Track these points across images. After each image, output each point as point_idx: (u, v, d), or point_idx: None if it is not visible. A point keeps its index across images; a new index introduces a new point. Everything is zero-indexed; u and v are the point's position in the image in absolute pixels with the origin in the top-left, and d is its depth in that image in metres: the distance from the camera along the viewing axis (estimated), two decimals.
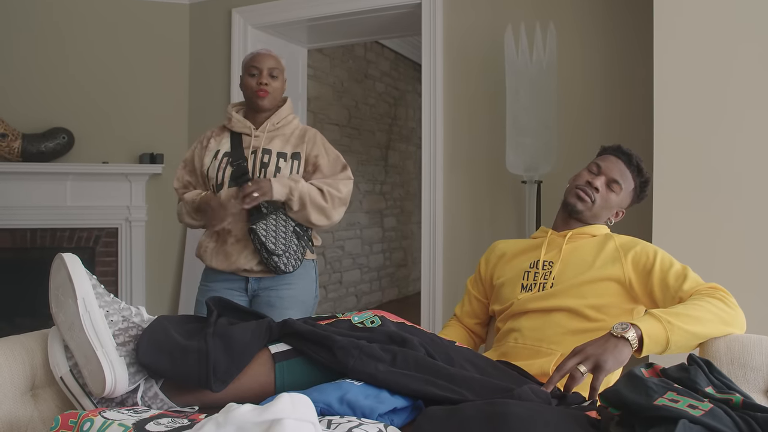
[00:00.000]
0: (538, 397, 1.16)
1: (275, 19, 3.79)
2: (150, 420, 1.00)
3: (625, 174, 1.73)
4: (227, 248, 2.17)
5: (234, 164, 2.15)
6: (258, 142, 2.18)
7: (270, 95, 2.19)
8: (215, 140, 2.25)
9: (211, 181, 2.19)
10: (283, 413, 0.87)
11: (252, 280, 2.20)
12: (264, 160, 2.16)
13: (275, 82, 2.21)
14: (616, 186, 1.71)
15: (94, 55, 3.90)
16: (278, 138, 2.21)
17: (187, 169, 2.31)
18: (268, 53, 2.23)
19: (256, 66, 2.18)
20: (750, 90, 2.14)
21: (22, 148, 3.65)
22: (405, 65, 7.09)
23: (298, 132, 2.26)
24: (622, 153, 1.75)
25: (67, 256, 1.25)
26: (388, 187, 6.78)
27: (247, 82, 2.20)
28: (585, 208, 1.71)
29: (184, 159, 2.33)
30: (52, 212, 3.83)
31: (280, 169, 2.17)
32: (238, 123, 2.22)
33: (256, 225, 2.09)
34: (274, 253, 2.11)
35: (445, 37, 3.28)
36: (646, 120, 2.42)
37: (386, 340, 1.26)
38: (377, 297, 6.57)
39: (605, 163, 1.74)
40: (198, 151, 2.28)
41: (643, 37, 2.68)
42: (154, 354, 1.19)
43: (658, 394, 0.96)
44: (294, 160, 2.20)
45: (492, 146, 3.14)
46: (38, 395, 1.29)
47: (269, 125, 2.21)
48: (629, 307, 1.61)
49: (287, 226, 2.14)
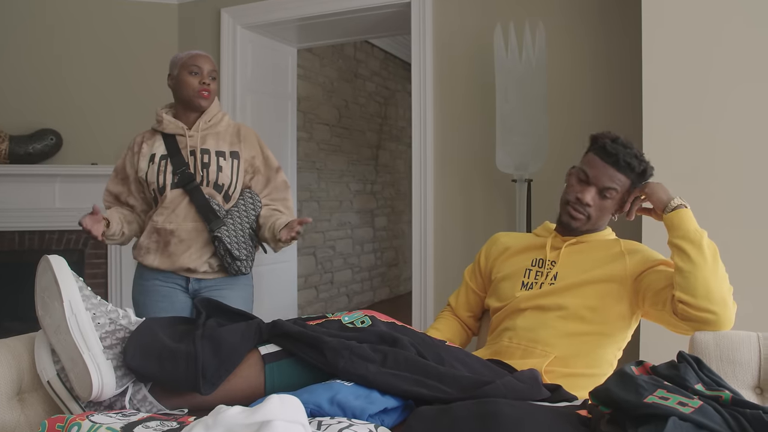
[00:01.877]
0: (524, 383, 1.17)
1: (264, 18, 3.78)
2: (138, 423, 0.99)
3: (616, 176, 1.62)
4: (170, 249, 2.14)
5: (177, 172, 2.12)
6: (193, 141, 2.15)
7: (211, 96, 2.18)
8: (147, 144, 2.21)
9: (151, 186, 2.15)
10: (273, 415, 0.87)
11: (193, 280, 2.18)
12: (204, 160, 2.14)
13: (213, 84, 2.19)
14: (610, 192, 1.63)
15: (82, 56, 3.87)
16: (211, 136, 2.19)
17: (118, 178, 2.26)
18: (207, 55, 2.21)
19: (198, 65, 2.15)
20: (739, 86, 2.15)
21: (9, 149, 3.62)
22: (395, 64, 7.09)
23: (231, 129, 2.25)
24: (607, 155, 1.62)
25: (53, 258, 1.23)
26: (379, 186, 6.78)
27: (187, 81, 2.15)
28: (580, 224, 1.67)
29: (114, 168, 2.28)
30: (40, 214, 3.80)
31: (222, 168, 2.15)
32: (169, 124, 2.18)
33: (219, 232, 2.08)
34: (238, 258, 2.11)
35: (435, 36, 3.28)
36: (634, 118, 2.43)
37: (377, 340, 1.26)
38: (369, 297, 6.56)
39: (593, 171, 1.63)
40: (129, 158, 2.23)
41: (631, 35, 2.69)
42: (142, 358, 1.18)
43: (648, 392, 0.96)
44: (233, 159, 2.19)
45: (482, 145, 3.14)
46: (25, 399, 1.28)
47: (202, 124, 2.18)
48: (628, 311, 1.60)
49: (244, 229, 2.14)
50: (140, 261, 2.22)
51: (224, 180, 2.15)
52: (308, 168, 5.34)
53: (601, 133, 1.68)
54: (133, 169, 2.22)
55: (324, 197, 5.61)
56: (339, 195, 5.87)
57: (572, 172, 1.72)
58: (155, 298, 2.17)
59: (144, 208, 2.25)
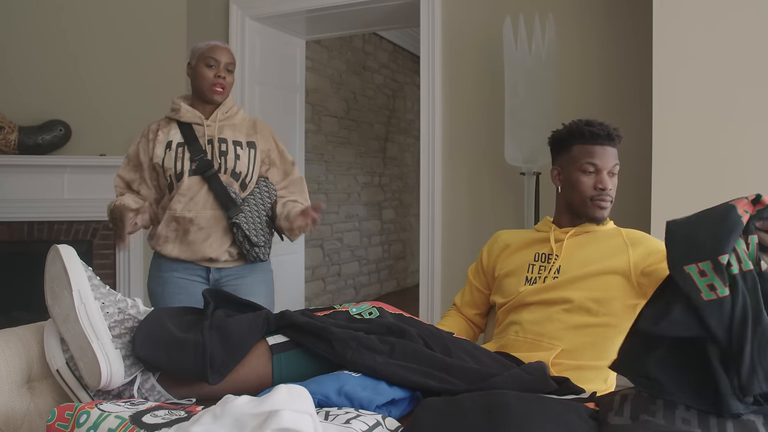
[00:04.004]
0: (532, 376, 1.16)
1: (273, 10, 3.77)
2: (147, 412, 0.99)
3: (615, 153, 1.65)
4: (190, 237, 2.13)
5: (195, 159, 2.12)
6: (211, 131, 2.16)
7: (226, 91, 2.18)
8: (163, 132, 2.20)
9: (168, 172, 2.14)
10: (281, 405, 0.87)
11: (213, 270, 2.19)
12: (222, 149, 2.15)
13: (230, 76, 2.19)
14: (615, 167, 1.65)
15: (91, 47, 3.88)
16: (228, 127, 2.20)
17: (130, 165, 2.24)
18: (225, 46, 2.20)
19: (215, 58, 2.15)
20: (751, 78, 2.13)
21: (18, 140, 3.64)
22: (403, 57, 7.06)
23: (247, 122, 2.27)
24: (598, 137, 1.63)
25: (63, 248, 1.24)
26: (387, 179, 6.77)
27: (203, 73, 2.15)
28: (608, 212, 1.67)
29: (127, 155, 2.26)
30: (49, 205, 3.82)
31: (239, 156, 2.16)
32: (187, 113, 2.18)
33: (237, 218, 2.08)
34: (256, 244, 2.12)
35: (444, 28, 3.27)
36: (644, 111, 2.41)
37: (384, 331, 1.26)
38: (376, 289, 6.57)
39: (598, 159, 1.63)
40: (144, 145, 2.22)
41: (642, 28, 2.66)
42: (151, 347, 1.18)
43: (721, 249, 0.96)
44: (250, 149, 2.20)
45: (490, 138, 3.13)
46: (35, 388, 1.28)
47: (219, 114, 2.19)
48: (633, 302, 1.58)
49: (261, 216, 2.15)
50: (158, 250, 2.21)
51: (241, 168, 2.16)
52: (316, 160, 5.34)
53: (567, 126, 1.70)
54: (147, 156, 2.21)
55: (332, 189, 5.61)
56: (347, 187, 5.87)
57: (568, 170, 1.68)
58: (173, 290, 2.17)
59: (156, 197, 2.25)
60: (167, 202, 2.16)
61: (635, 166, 2.55)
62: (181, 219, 2.13)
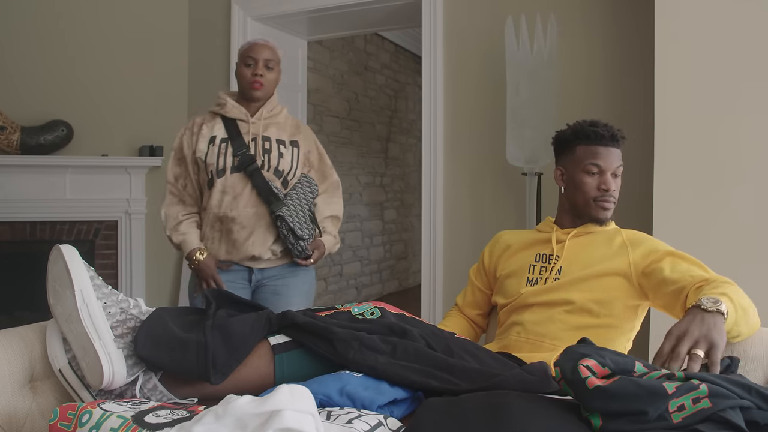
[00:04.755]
0: (534, 376, 1.16)
1: (275, 10, 3.77)
2: (149, 412, 0.99)
3: (619, 154, 1.67)
4: (233, 236, 2.14)
5: (238, 153, 2.13)
6: (256, 128, 2.18)
7: (264, 87, 2.19)
8: (207, 126, 2.20)
9: (209, 167, 2.14)
10: (283, 404, 0.87)
11: (256, 270, 2.19)
12: (266, 147, 2.16)
13: (270, 73, 2.20)
14: (619, 169, 1.67)
15: (93, 47, 3.88)
16: (273, 126, 2.22)
17: (176, 158, 2.25)
18: (265, 44, 2.21)
19: (252, 56, 2.17)
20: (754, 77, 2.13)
21: (20, 140, 3.64)
22: (405, 57, 7.06)
23: (291, 122, 2.28)
24: (602, 138, 1.64)
25: (65, 248, 1.24)
26: (389, 179, 6.77)
27: (242, 72, 2.18)
28: (611, 213, 1.68)
29: (173, 149, 2.27)
30: (51, 205, 3.82)
31: (283, 155, 2.17)
32: (233, 109, 2.20)
33: (281, 212, 2.08)
34: (301, 237, 2.11)
35: (446, 29, 3.27)
36: (647, 110, 2.41)
37: (386, 331, 1.26)
38: (377, 289, 6.57)
39: (602, 160, 1.64)
40: (187, 138, 2.22)
41: (644, 27, 2.66)
42: (153, 347, 1.18)
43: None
44: (293, 147, 2.22)
45: (492, 138, 3.13)
46: (37, 387, 1.29)
47: (264, 112, 2.21)
48: (634, 303, 1.59)
49: (304, 210, 2.14)
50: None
51: (284, 166, 2.17)
52: None
53: (571, 127, 1.71)
54: (190, 149, 2.21)
55: None
56: (348, 187, 5.87)
57: (572, 171, 1.69)
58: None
59: (199, 195, 2.25)
60: (207, 200, 2.17)
61: (638, 166, 2.55)
62: (223, 218, 2.14)
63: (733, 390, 0.94)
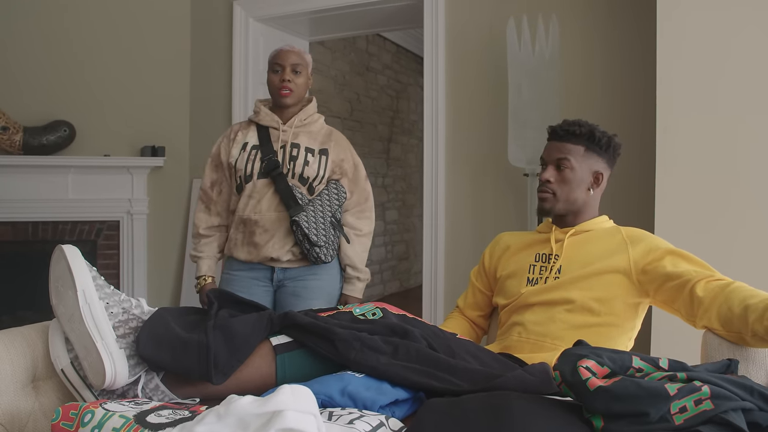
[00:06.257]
0: (535, 377, 1.16)
1: (277, 11, 3.78)
2: (151, 412, 1.00)
3: (563, 147, 1.67)
4: (255, 239, 2.17)
5: (265, 159, 2.17)
6: (286, 136, 2.20)
7: (293, 93, 2.21)
8: (242, 133, 2.26)
9: (238, 173, 2.20)
10: (285, 405, 0.87)
11: (278, 270, 2.21)
12: (293, 154, 2.18)
13: (298, 78, 2.21)
14: (564, 162, 1.66)
15: (95, 48, 3.89)
16: (304, 134, 2.24)
17: (212, 165, 2.31)
18: (291, 49, 2.23)
19: (279, 63, 2.19)
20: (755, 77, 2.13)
21: (23, 141, 3.65)
22: (407, 58, 7.07)
23: (324, 131, 2.30)
24: (554, 135, 1.71)
25: (67, 248, 1.24)
26: (390, 180, 6.77)
27: (270, 79, 2.22)
28: (551, 205, 1.69)
29: (210, 155, 2.33)
30: (53, 205, 3.83)
31: (309, 162, 2.19)
32: (266, 117, 2.24)
33: (297, 217, 2.10)
34: (316, 244, 2.12)
35: (447, 29, 3.27)
36: (648, 111, 2.41)
37: (387, 332, 1.26)
38: (379, 290, 6.57)
39: (545, 152, 1.72)
40: (225, 145, 2.29)
41: (646, 27, 2.66)
42: (155, 347, 1.18)
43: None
44: (321, 156, 2.23)
45: (494, 139, 3.13)
46: (39, 387, 1.29)
47: (297, 121, 2.23)
48: (634, 301, 1.58)
49: (324, 217, 2.16)
50: (230, 255, 2.26)
51: (310, 173, 2.19)
52: None
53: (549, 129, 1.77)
54: (226, 155, 2.27)
55: None
56: None
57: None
58: (236, 288, 2.21)
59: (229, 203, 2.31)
60: (235, 204, 2.22)
61: (638, 166, 2.55)
62: (247, 221, 2.18)
63: (735, 392, 0.94)
